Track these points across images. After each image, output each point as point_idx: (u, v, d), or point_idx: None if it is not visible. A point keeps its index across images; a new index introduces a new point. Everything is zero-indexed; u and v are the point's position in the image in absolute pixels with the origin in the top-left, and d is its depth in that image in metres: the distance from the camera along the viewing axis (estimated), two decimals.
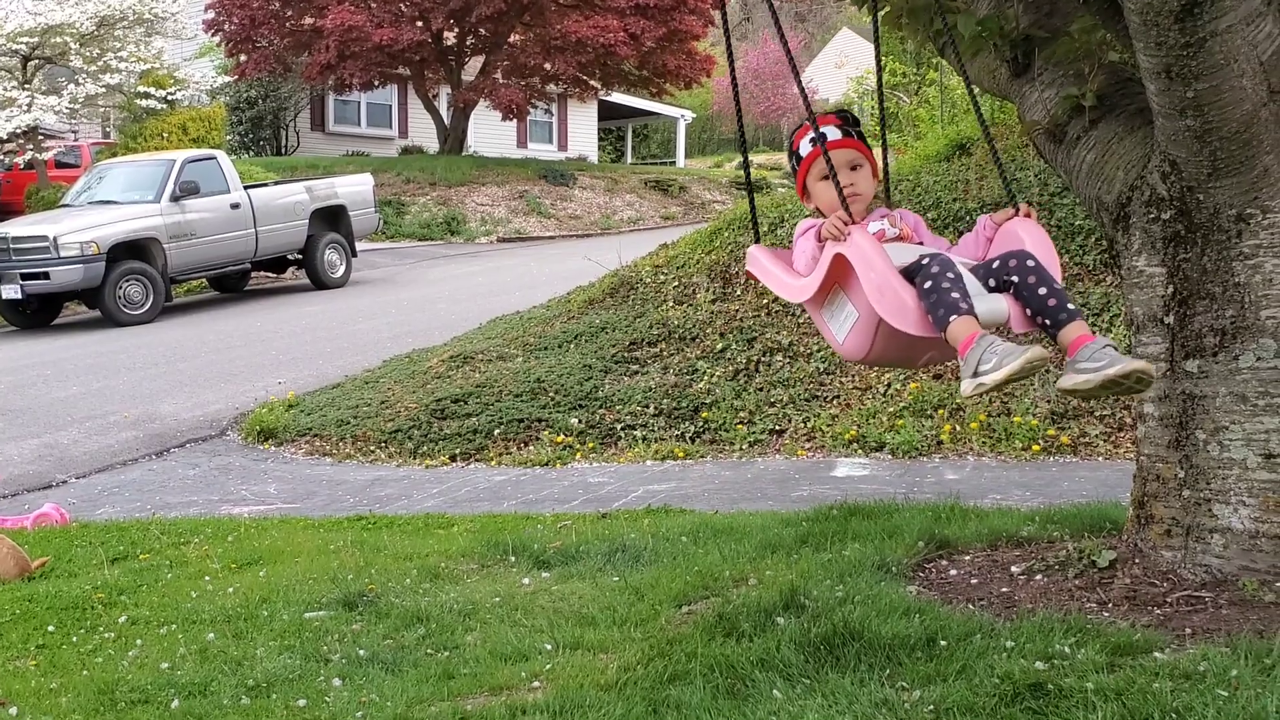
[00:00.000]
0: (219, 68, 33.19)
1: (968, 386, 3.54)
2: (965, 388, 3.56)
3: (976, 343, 3.51)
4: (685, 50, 32.14)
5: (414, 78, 32.15)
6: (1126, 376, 3.50)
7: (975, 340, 3.52)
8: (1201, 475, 4.51)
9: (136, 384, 12.71)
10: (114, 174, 19.43)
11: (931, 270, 3.63)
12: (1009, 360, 3.43)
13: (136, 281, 17.29)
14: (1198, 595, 4.39)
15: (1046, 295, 3.69)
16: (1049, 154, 5.01)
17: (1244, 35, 4.02)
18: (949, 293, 3.57)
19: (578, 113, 41.16)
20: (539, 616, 4.93)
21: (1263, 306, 4.36)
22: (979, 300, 3.65)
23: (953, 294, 3.57)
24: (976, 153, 12.25)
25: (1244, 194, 4.34)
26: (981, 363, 3.49)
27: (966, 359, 3.53)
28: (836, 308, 3.87)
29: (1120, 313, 8.96)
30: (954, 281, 3.60)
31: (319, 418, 10.65)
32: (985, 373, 3.48)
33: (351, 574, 5.80)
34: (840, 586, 4.85)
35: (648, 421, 9.78)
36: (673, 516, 7.02)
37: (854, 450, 8.95)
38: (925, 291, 3.60)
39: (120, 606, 5.56)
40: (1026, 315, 3.75)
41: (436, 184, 29.68)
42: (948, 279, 3.60)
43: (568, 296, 13.14)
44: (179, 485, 9.17)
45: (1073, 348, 3.63)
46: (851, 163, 4.09)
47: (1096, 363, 3.54)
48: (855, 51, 44.89)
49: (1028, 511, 6.13)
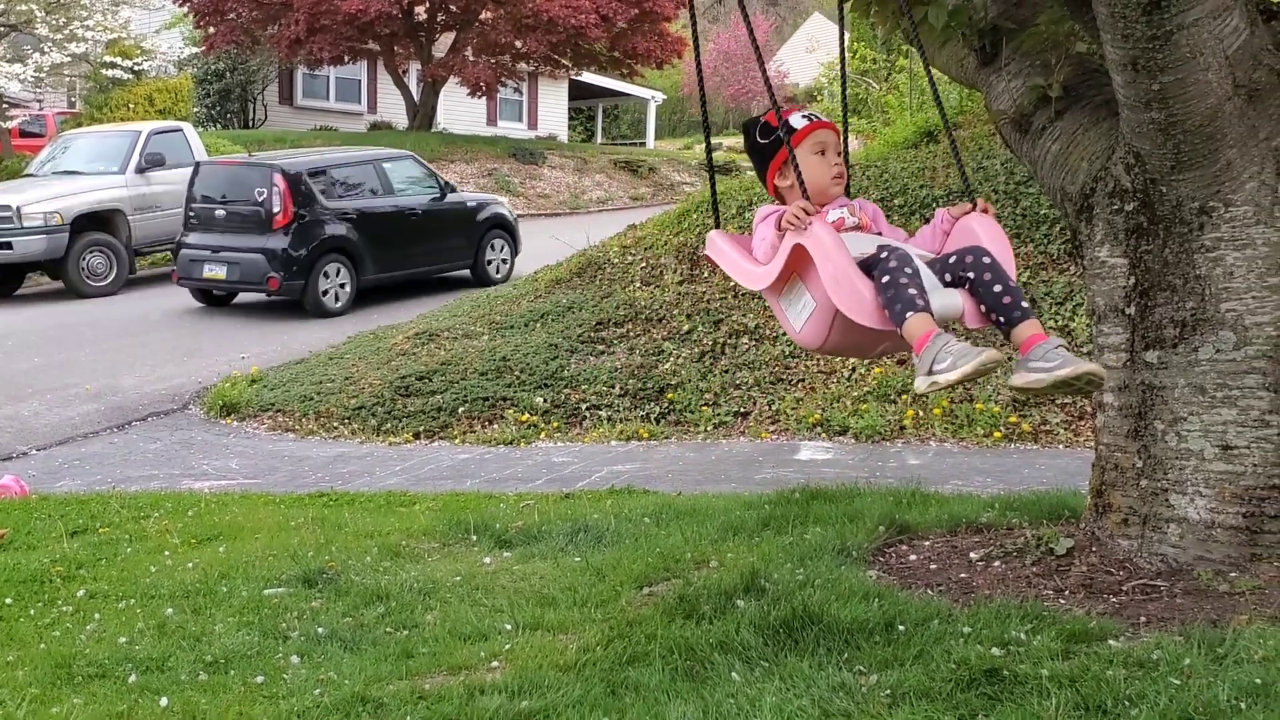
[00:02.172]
0: (188, 39, 32.90)
1: (921, 383, 3.59)
2: (919, 384, 3.60)
3: (932, 341, 3.55)
4: (656, 32, 32.03)
5: (384, 53, 31.95)
6: (1078, 378, 3.55)
7: (931, 338, 3.55)
8: (1159, 465, 4.56)
9: (99, 356, 12.62)
10: (79, 144, 19.22)
11: (889, 265, 3.65)
12: (963, 361, 3.47)
13: (100, 253, 17.13)
14: (1153, 584, 4.44)
15: (1001, 293, 3.73)
16: (1015, 144, 5.04)
17: (1210, 29, 4.05)
18: (906, 288, 3.60)
19: (548, 92, 41.00)
20: (499, 596, 4.94)
21: (1223, 299, 4.40)
22: (934, 295, 3.69)
23: (909, 290, 3.60)
24: (944, 140, 12.28)
25: (1206, 187, 4.38)
26: (936, 361, 3.53)
27: (922, 356, 3.57)
28: (794, 296, 3.90)
29: (1083, 302, 9.02)
30: (911, 277, 3.63)
31: (282, 393, 10.61)
32: (940, 372, 3.52)
33: (312, 551, 5.79)
34: (801, 570, 4.88)
35: (613, 402, 9.78)
36: (636, 497, 7.03)
37: (818, 434, 8.98)
38: (883, 286, 3.63)
39: (79, 580, 5.54)
40: (981, 311, 3.79)
41: None
42: (905, 274, 3.63)
43: (534, 275, 13.12)
44: (140, 459, 9.12)
45: (1025, 346, 3.68)
46: (838, 146, 4.14)
47: (1049, 363, 3.58)
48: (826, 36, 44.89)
49: (988, 498, 6.18)
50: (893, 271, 3.63)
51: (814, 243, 3.68)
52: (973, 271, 3.76)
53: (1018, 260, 10.14)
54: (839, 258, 3.66)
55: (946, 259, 3.85)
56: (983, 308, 3.77)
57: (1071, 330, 9.41)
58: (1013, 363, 3.80)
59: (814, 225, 3.70)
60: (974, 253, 3.80)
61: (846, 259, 3.68)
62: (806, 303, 3.83)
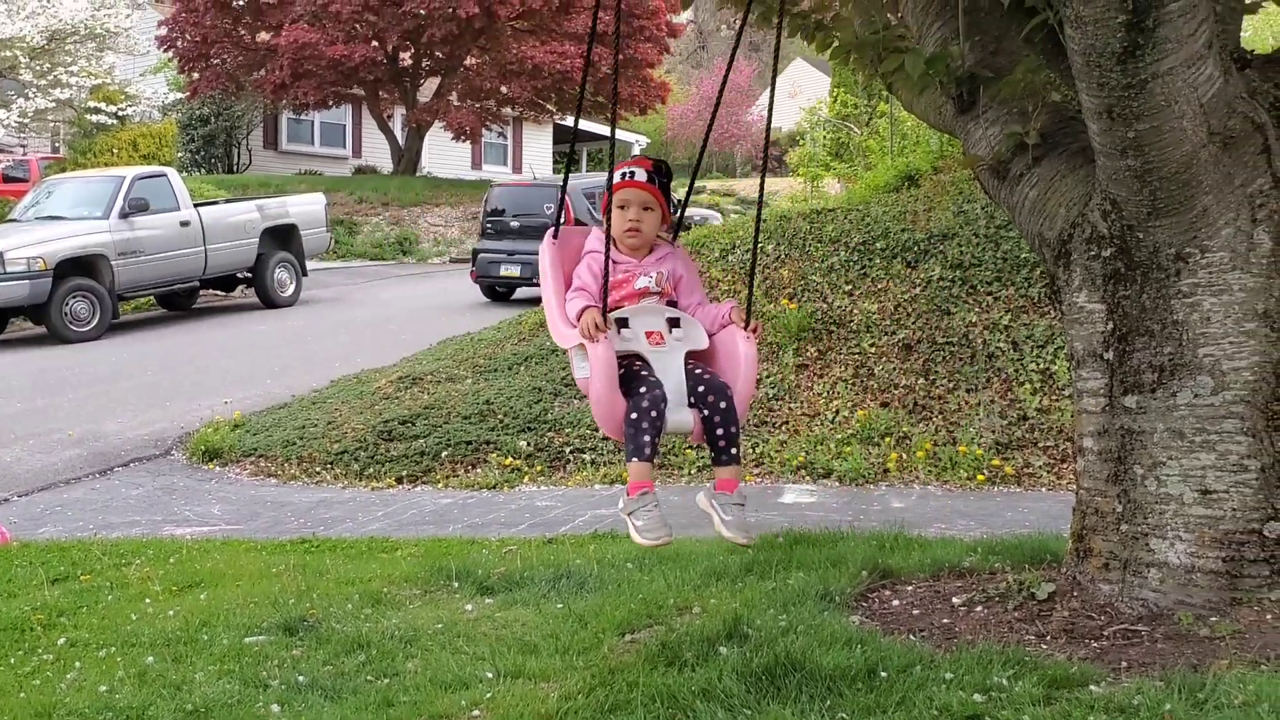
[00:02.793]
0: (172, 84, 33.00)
1: (622, 514, 4.36)
2: (621, 512, 4.37)
3: (640, 496, 4.29)
4: (640, 78, 32.28)
5: (368, 98, 32.12)
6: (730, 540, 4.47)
7: (639, 494, 4.29)
8: (1139, 510, 4.57)
9: (81, 402, 12.58)
10: (63, 189, 19.24)
11: (641, 404, 4.28)
12: (648, 536, 4.26)
13: (83, 298, 17.10)
14: (1134, 629, 4.44)
15: (721, 436, 4.40)
16: (993, 190, 5.07)
17: (1185, 77, 4.09)
18: (642, 435, 4.25)
19: (533, 135, 41.21)
20: (481, 644, 4.92)
21: (1200, 344, 4.43)
22: (675, 412, 4.35)
23: (644, 437, 4.25)
24: (925, 184, 12.38)
25: (1183, 233, 4.41)
26: (635, 516, 4.29)
27: (629, 501, 4.30)
28: (580, 356, 4.43)
29: (1064, 345, 9.06)
30: (652, 421, 4.26)
31: (265, 438, 10.58)
32: (635, 525, 4.29)
33: (293, 598, 5.76)
34: (784, 616, 4.87)
35: (597, 445, 9.78)
36: (619, 542, 7.00)
37: (802, 477, 8.99)
38: (629, 420, 4.27)
39: (59, 628, 5.50)
40: (704, 439, 4.47)
41: (389, 204, 29.60)
42: (649, 418, 4.26)
43: (518, 318, 13.13)
44: (122, 505, 9.08)
45: (719, 486, 4.46)
46: (645, 204, 4.66)
47: (725, 515, 4.41)
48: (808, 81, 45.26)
49: (970, 542, 6.18)
50: (640, 412, 4.26)
51: (594, 360, 4.27)
52: (709, 410, 4.39)
53: (1001, 304, 10.22)
54: (606, 381, 4.26)
55: (698, 382, 4.44)
56: (705, 438, 4.45)
57: (1052, 373, 9.45)
58: None
59: (599, 346, 4.26)
60: (718, 392, 4.41)
61: (611, 383, 4.28)
62: (586, 367, 4.37)
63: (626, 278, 4.58)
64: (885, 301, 10.70)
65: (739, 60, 52.23)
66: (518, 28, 30.62)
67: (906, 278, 10.89)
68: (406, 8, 28.45)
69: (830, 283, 11.18)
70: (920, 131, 14.37)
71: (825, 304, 10.87)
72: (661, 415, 4.30)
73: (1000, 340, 9.91)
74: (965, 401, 9.49)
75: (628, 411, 4.28)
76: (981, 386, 9.60)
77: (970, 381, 9.68)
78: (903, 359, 10.08)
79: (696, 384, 4.44)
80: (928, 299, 10.52)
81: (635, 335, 4.45)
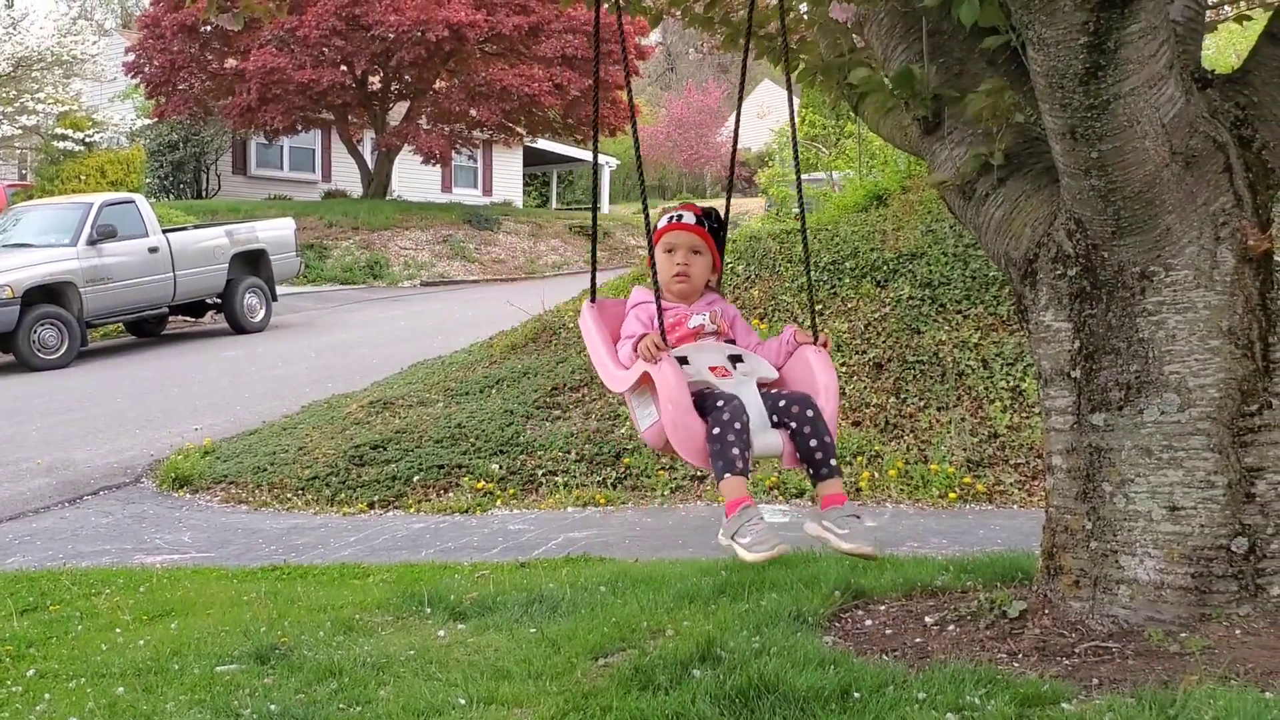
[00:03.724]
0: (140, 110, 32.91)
1: (723, 540, 4.01)
2: (722, 539, 4.02)
3: (741, 511, 3.94)
4: (610, 99, 32.36)
5: (337, 122, 32.08)
6: (856, 555, 4.05)
7: (740, 509, 3.94)
8: (1108, 527, 4.60)
9: (50, 430, 12.49)
10: (30, 217, 19.16)
11: (723, 417, 3.97)
12: (759, 549, 3.87)
13: (51, 325, 17.01)
14: (1105, 646, 4.47)
15: (816, 448, 4.10)
16: (959, 210, 5.11)
17: (1147, 98, 4.13)
18: (730, 448, 3.93)
19: (503, 158, 41.24)
20: (453, 670, 4.90)
21: (1166, 362, 4.47)
22: (760, 435, 4.05)
23: (733, 450, 3.93)
24: (893, 204, 12.44)
25: (1147, 252, 4.45)
26: (740, 534, 3.93)
27: (730, 520, 3.96)
28: (643, 401, 4.21)
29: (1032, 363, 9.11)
30: (738, 433, 3.95)
31: (235, 464, 10.53)
32: (740, 544, 3.92)
33: (264, 626, 5.73)
34: (757, 637, 4.88)
35: (569, 468, 9.77)
36: (592, 565, 7.01)
37: (774, 496, 9.00)
38: (711, 437, 3.96)
39: (29, 659, 5.46)
40: (797, 458, 4.15)
41: (360, 228, 29.55)
42: (733, 430, 3.95)
43: (490, 341, 13.12)
44: (91, 534, 9.01)
45: (825, 502, 4.11)
46: (693, 247, 4.50)
47: (839, 529, 4.02)
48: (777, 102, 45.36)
49: (942, 560, 6.20)
50: (723, 425, 3.95)
51: (660, 382, 4.00)
52: (795, 421, 4.11)
53: (970, 322, 10.27)
54: (678, 400, 3.99)
55: (778, 399, 4.18)
56: (798, 455, 4.14)
57: (1022, 390, 9.49)
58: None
59: (663, 364, 4.01)
60: (802, 403, 4.14)
61: (685, 402, 4.00)
62: (651, 412, 4.14)
63: (679, 320, 4.38)
64: (855, 321, 10.74)
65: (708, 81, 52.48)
66: (487, 51, 30.67)
67: (876, 297, 10.93)
68: (375, 32, 28.47)
69: (800, 303, 11.21)
70: (888, 152, 14.44)
71: (796, 324, 10.88)
72: (745, 428, 3.99)
73: (970, 358, 9.96)
74: (936, 420, 9.53)
75: (709, 429, 3.99)
76: (952, 405, 9.64)
77: (941, 400, 9.71)
78: (873, 378, 10.12)
79: (776, 402, 4.18)
80: (897, 318, 10.56)
81: (698, 370, 4.18)
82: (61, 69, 27.39)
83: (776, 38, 5.23)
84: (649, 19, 5.74)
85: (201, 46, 30.21)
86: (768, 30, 5.44)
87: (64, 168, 27.58)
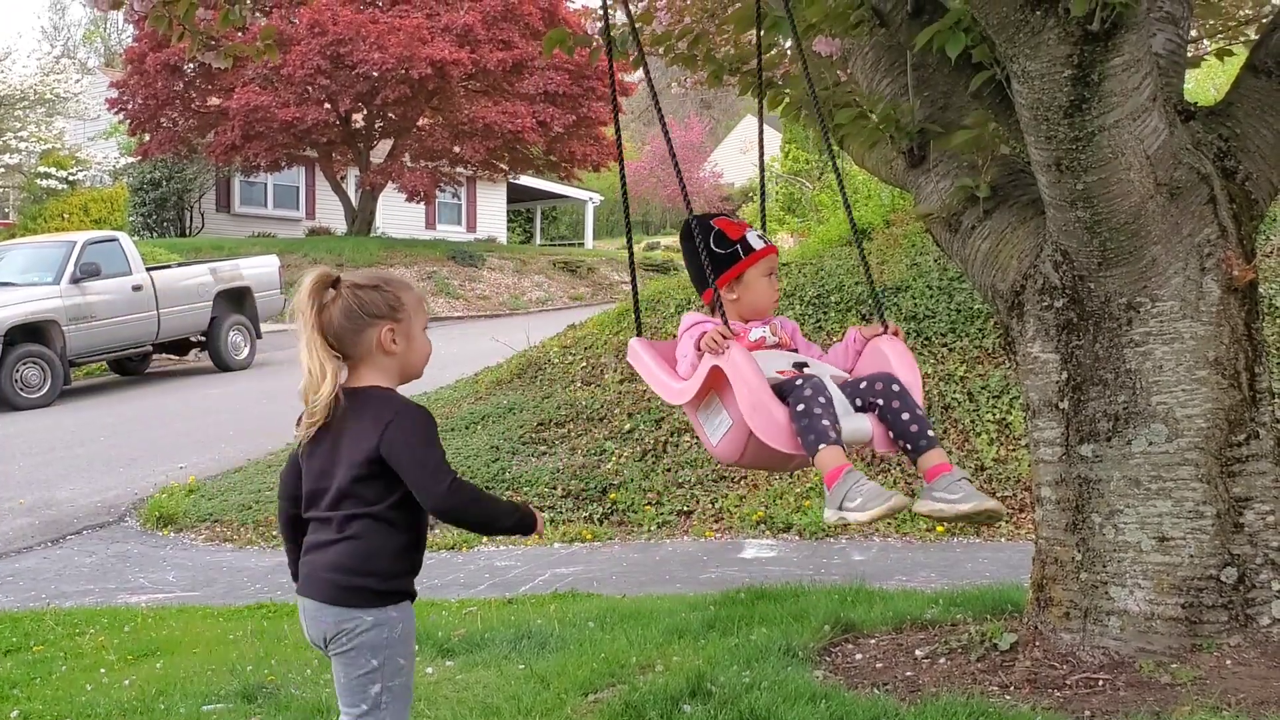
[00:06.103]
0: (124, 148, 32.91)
1: (831, 516, 3.65)
2: (829, 516, 3.66)
3: (844, 477, 3.61)
4: (593, 136, 32.48)
5: (321, 159, 32.11)
6: (979, 514, 3.65)
7: (843, 475, 3.62)
8: (1098, 558, 4.59)
9: (33, 470, 12.42)
10: (13, 255, 19.07)
11: (804, 393, 3.71)
12: (873, 504, 3.54)
13: (34, 364, 16.93)
14: (1096, 677, 4.46)
15: (909, 421, 3.81)
16: (945, 243, 5.13)
17: (1131, 130, 4.16)
18: (820, 419, 3.66)
19: (487, 195, 41.30)
20: (442, 707, 4.87)
21: (1153, 392, 4.48)
22: (845, 420, 3.76)
23: (823, 421, 3.65)
24: (877, 238, 12.47)
25: (1133, 283, 4.47)
26: (847, 499, 3.58)
27: (833, 491, 3.62)
28: (712, 412, 3.96)
29: (1019, 395, 9.13)
30: (825, 406, 3.69)
31: (220, 503, 10.48)
32: (850, 510, 3.58)
33: (251, 665, 5.69)
34: (747, 672, 4.85)
35: (556, 503, 9.74)
36: (580, 601, 6.98)
37: (761, 531, 8.98)
38: (797, 414, 3.69)
39: (12, 701, 5.41)
40: (889, 437, 3.86)
41: (344, 265, 29.49)
42: (819, 403, 3.69)
43: (475, 377, 13.10)
44: (75, 574, 8.95)
45: (930, 474, 3.75)
46: (775, 269, 4.24)
47: (952, 495, 3.66)
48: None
49: (932, 594, 6.19)
50: (807, 400, 3.69)
51: (731, 368, 3.75)
52: (882, 399, 3.85)
53: (955, 355, 10.29)
54: (755, 383, 3.73)
55: (858, 384, 3.93)
56: (891, 434, 3.85)
57: (1008, 423, 9.51)
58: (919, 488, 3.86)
59: (732, 350, 3.77)
60: (884, 380, 3.88)
61: (762, 385, 3.74)
62: (723, 419, 3.90)
63: (740, 334, 4.05)
64: None
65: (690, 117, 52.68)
66: (470, 88, 30.78)
67: None
68: (359, 70, 28.54)
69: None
70: (872, 186, 14.50)
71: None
72: (831, 402, 3.74)
73: (956, 391, 9.97)
74: None
75: (792, 407, 3.72)
76: (938, 438, 9.63)
77: None
78: None
79: (857, 384, 3.93)
80: None
81: (766, 373, 3.87)
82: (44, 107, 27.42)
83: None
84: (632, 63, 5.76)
85: (185, 84, 30.25)
86: (751, 66, 5.47)
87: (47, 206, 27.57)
